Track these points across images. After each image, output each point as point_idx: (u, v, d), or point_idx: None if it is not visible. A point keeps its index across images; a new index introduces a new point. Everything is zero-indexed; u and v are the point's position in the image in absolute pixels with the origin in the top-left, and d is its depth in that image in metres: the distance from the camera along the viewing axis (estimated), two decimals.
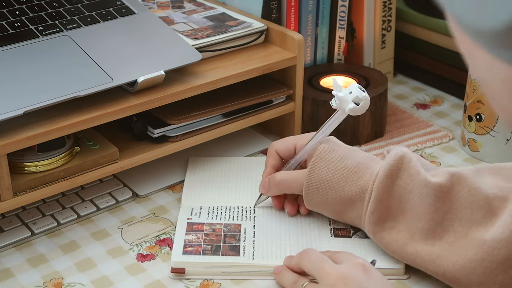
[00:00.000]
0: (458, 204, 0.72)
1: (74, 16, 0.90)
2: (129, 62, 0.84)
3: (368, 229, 0.76)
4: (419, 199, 0.73)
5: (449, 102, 1.12)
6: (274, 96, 0.95)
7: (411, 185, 0.74)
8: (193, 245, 0.78)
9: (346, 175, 0.77)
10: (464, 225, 0.72)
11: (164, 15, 1.00)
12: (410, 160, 0.75)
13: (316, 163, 0.78)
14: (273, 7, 1.00)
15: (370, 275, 0.67)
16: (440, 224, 0.73)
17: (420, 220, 0.73)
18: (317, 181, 0.78)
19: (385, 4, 1.10)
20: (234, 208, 0.84)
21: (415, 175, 0.74)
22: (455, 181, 0.73)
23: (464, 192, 0.72)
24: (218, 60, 0.93)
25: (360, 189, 0.76)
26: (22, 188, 0.79)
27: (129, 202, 0.88)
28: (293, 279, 0.72)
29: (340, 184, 0.77)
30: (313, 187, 0.78)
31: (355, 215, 0.77)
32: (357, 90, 0.76)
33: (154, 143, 0.88)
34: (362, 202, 0.76)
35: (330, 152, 0.78)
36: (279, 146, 0.84)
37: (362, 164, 0.77)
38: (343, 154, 0.78)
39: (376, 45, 1.12)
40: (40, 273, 0.76)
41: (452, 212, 0.72)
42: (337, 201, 0.77)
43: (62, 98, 0.78)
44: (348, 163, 0.77)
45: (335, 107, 0.78)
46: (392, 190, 0.74)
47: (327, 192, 0.77)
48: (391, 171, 0.74)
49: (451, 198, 0.73)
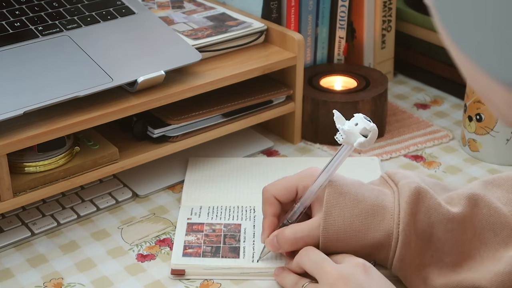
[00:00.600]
0: (481, 229, 0.70)
1: (74, 16, 0.90)
2: (129, 62, 0.84)
3: (398, 273, 0.72)
4: (444, 234, 0.70)
5: (449, 102, 1.12)
6: (274, 96, 0.95)
7: (432, 218, 0.70)
8: (193, 247, 0.77)
9: (365, 221, 0.71)
10: (491, 249, 0.70)
11: (164, 15, 1.00)
12: (426, 191, 0.70)
13: (329, 213, 0.71)
14: (273, 7, 1.00)
15: (370, 274, 0.67)
16: (467, 254, 0.71)
17: (447, 256, 0.71)
18: (335, 233, 0.71)
19: (385, 4, 1.10)
20: (234, 208, 0.84)
21: (436, 207, 0.70)
22: (473, 205, 0.71)
23: (484, 213, 0.71)
24: (218, 60, 0.93)
25: (384, 234, 0.70)
26: (22, 188, 0.79)
27: (129, 202, 0.88)
28: (294, 281, 0.72)
29: (361, 232, 0.71)
30: (332, 240, 0.71)
31: (381, 258, 0.72)
32: (363, 121, 0.70)
33: (154, 143, 0.88)
34: (388, 247, 0.71)
35: (340, 196, 0.72)
36: (277, 191, 0.75)
37: (377, 205, 0.71)
38: (354, 196, 0.72)
39: (376, 45, 1.12)
40: (40, 273, 0.76)
41: (476, 238, 0.70)
42: (360, 248, 0.71)
43: (62, 98, 0.78)
44: (362, 206, 0.71)
45: (342, 142, 0.70)
46: (415, 228, 0.70)
47: (349, 243, 0.71)
48: (411, 208, 0.70)
49: (473, 223, 0.71)
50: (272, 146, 0.99)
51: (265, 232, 0.76)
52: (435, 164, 0.95)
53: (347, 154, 0.71)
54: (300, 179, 0.75)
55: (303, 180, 0.75)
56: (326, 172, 0.72)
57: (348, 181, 0.73)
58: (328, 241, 0.71)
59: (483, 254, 0.71)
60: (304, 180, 0.75)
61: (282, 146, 0.99)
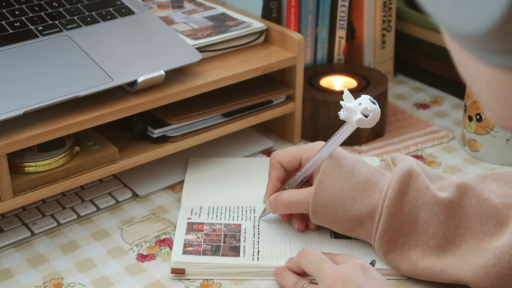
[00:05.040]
0: (468, 217, 0.72)
1: (74, 16, 0.90)
2: (129, 62, 0.84)
3: (379, 249, 0.74)
4: (430, 217, 0.72)
5: (449, 102, 1.12)
6: (274, 96, 0.95)
7: (420, 200, 0.73)
8: (193, 245, 0.78)
9: (354, 193, 0.74)
10: (476, 238, 0.71)
11: (164, 15, 1.00)
12: (418, 174, 0.73)
13: (322, 181, 0.75)
14: (273, 7, 1.00)
15: (369, 275, 0.67)
16: (452, 240, 0.72)
17: (432, 238, 0.72)
18: (324, 200, 0.75)
19: (385, 4, 1.10)
20: (234, 208, 0.84)
21: (424, 190, 0.73)
22: (463, 193, 0.72)
23: (473, 203, 0.72)
24: (218, 60, 0.93)
25: (369, 208, 0.74)
26: (22, 188, 0.79)
27: (129, 202, 0.88)
28: (294, 281, 0.72)
29: (348, 203, 0.74)
30: (320, 206, 0.75)
31: (365, 233, 0.76)
32: (367, 102, 0.73)
33: (154, 143, 0.88)
34: (372, 221, 0.74)
35: (336, 167, 0.76)
36: (283, 157, 0.81)
37: (369, 181, 0.75)
38: (349, 169, 0.75)
39: (376, 45, 1.12)
40: (40, 273, 0.76)
41: (463, 226, 0.72)
42: (346, 219, 0.75)
43: (62, 98, 0.78)
44: (355, 180, 0.75)
45: (343, 118, 0.74)
46: (401, 208, 0.73)
47: (335, 211, 0.75)
48: (400, 188, 0.73)
49: (461, 211, 0.72)
50: (272, 146, 0.99)
51: (267, 194, 0.81)
52: (435, 164, 0.95)
53: (349, 131, 0.75)
54: (305, 150, 0.80)
55: (307, 151, 0.80)
56: (328, 146, 0.77)
57: (349, 157, 0.77)
58: (316, 207, 0.75)
59: (468, 242, 0.72)
60: (308, 151, 0.79)
61: (282, 146, 0.99)
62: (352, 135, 0.98)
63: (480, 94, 0.42)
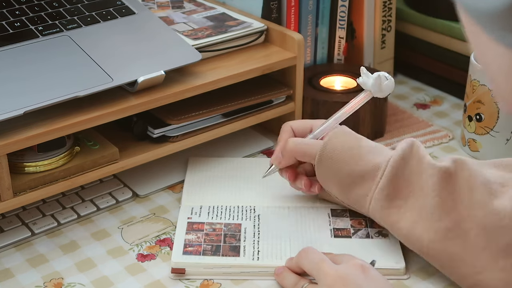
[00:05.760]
0: (459, 187, 0.73)
1: (74, 16, 0.90)
2: (129, 62, 0.84)
3: (375, 204, 0.76)
4: (426, 180, 0.74)
5: (449, 102, 1.12)
6: (274, 96, 0.95)
7: (419, 168, 0.75)
8: (193, 245, 0.78)
9: (361, 153, 0.78)
10: (466, 207, 0.72)
11: (164, 15, 1.00)
12: (419, 146, 0.77)
13: (334, 135, 0.80)
14: (273, 7, 1.01)
15: (368, 275, 0.67)
16: (445, 202, 0.73)
17: (427, 198, 0.74)
18: (331, 151, 0.79)
19: (385, 4, 1.10)
20: (234, 207, 0.84)
21: (422, 158, 0.76)
22: (458, 166, 0.74)
23: (465, 175, 0.73)
24: (218, 60, 0.93)
25: (373, 167, 0.77)
26: (22, 188, 0.79)
27: (129, 202, 0.88)
28: (294, 281, 0.72)
29: (354, 159, 0.78)
30: (327, 156, 0.79)
31: (362, 193, 0.77)
32: (383, 73, 0.82)
33: (154, 143, 0.88)
34: (373, 179, 0.77)
35: (346, 134, 0.80)
36: (295, 123, 0.85)
37: (377, 147, 0.79)
38: (359, 137, 0.80)
39: (376, 45, 1.12)
40: (40, 273, 0.76)
41: (455, 194, 0.73)
42: (348, 175, 0.78)
43: (62, 98, 0.78)
44: (364, 143, 0.79)
45: (360, 83, 0.82)
46: (403, 172, 0.76)
47: (340, 164, 0.78)
48: (404, 154, 0.76)
49: (454, 181, 0.74)
50: (272, 146, 0.99)
51: (275, 154, 0.83)
52: None
53: (364, 99, 0.83)
54: (316, 121, 0.85)
55: (318, 122, 0.84)
56: (342, 111, 0.83)
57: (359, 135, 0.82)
58: (323, 155, 0.79)
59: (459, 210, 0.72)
60: (320, 122, 0.84)
61: None
62: None
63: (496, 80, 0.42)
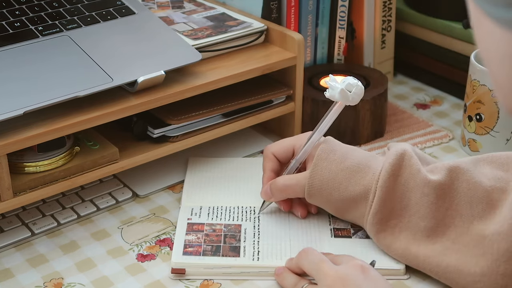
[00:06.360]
0: (458, 200, 0.73)
1: (74, 16, 0.90)
2: (129, 62, 0.84)
3: (370, 228, 0.76)
4: (421, 199, 0.74)
5: (449, 102, 1.12)
6: (274, 96, 0.95)
7: (412, 183, 0.74)
8: (193, 246, 0.78)
9: (349, 175, 0.77)
10: (465, 220, 0.72)
11: (164, 15, 1.00)
12: (410, 157, 0.75)
13: (317, 165, 0.78)
14: (273, 7, 1.00)
15: (368, 276, 0.67)
16: (442, 222, 0.73)
17: (423, 220, 0.74)
18: (319, 183, 0.77)
19: (385, 4, 1.10)
20: (234, 208, 0.84)
21: (415, 173, 0.74)
22: (454, 177, 0.74)
23: (464, 187, 0.73)
24: (218, 60, 0.93)
25: (363, 189, 0.76)
26: (22, 188, 0.79)
27: (129, 202, 0.88)
28: (294, 281, 0.72)
29: (343, 185, 0.77)
30: (316, 189, 0.78)
31: (358, 215, 0.77)
32: (350, 79, 0.78)
33: (154, 143, 0.88)
34: (366, 202, 0.76)
35: (330, 152, 0.78)
36: (276, 148, 0.84)
37: (363, 164, 0.77)
38: (343, 154, 0.78)
39: (376, 45, 1.12)
40: (40, 273, 0.76)
41: (453, 208, 0.73)
42: (340, 201, 0.77)
43: (62, 98, 0.78)
44: (349, 163, 0.77)
45: (328, 96, 0.79)
46: (394, 189, 0.75)
47: (330, 193, 0.77)
48: (393, 170, 0.75)
49: (451, 194, 0.73)
50: None
51: (263, 186, 0.82)
52: None
53: (336, 111, 0.79)
54: (296, 139, 0.84)
55: (299, 140, 0.83)
56: (318, 131, 0.80)
57: (342, 144, 0.80)
58: (312, 189, 0.78)
59: (457, 224, 0.73)
60: (300, 140, 0.82)
61: None
62: (352, 135, 0.98)
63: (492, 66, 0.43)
